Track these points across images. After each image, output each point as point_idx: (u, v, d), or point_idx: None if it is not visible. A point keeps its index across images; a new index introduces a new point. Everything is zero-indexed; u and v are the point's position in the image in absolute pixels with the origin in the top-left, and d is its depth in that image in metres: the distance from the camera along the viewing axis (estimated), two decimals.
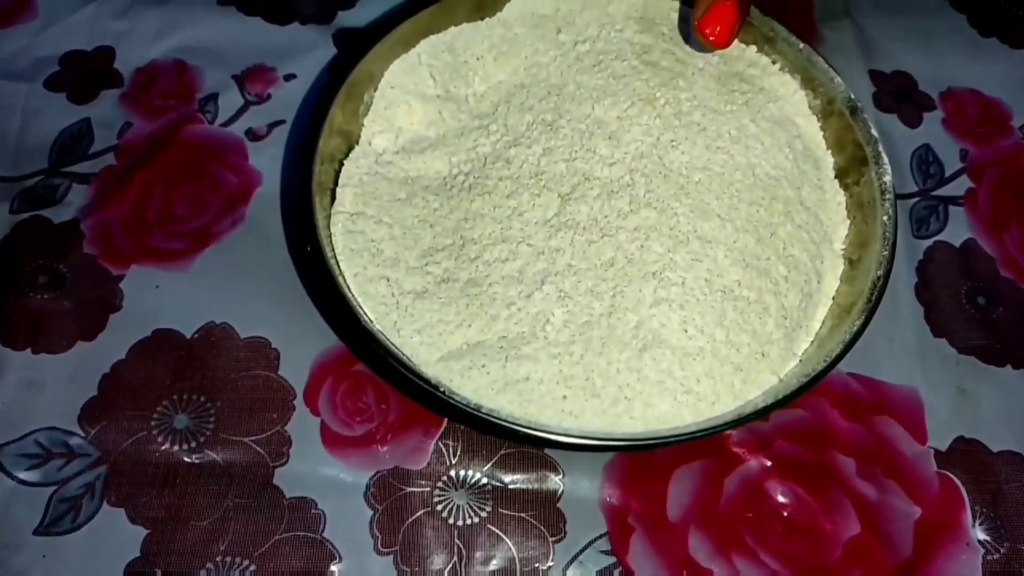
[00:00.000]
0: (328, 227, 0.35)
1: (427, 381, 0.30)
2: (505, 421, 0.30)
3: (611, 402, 0.32)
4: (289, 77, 0.46)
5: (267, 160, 0.44)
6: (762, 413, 0.32)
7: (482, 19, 0.41)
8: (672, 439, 0.31)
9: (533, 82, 0.39)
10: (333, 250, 0.34)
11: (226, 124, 0.45)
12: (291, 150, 0.43)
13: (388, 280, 0.34)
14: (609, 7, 0.41)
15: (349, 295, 0.32)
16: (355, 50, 0.37)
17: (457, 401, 0.30)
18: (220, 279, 0.40)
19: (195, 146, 0.44)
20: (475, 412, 0.30)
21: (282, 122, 0.45)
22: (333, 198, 0.36)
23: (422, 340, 0.32)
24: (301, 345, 0.39)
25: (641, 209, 0.34)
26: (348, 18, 0.49)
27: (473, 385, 0.31)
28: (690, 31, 0.37)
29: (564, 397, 0.31)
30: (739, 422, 0.31)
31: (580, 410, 0.31)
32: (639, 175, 0.35)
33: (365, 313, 0.32)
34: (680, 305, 0.33)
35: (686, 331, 0.33)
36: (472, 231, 0.35)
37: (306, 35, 0.48)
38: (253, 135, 0.45)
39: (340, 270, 0.33)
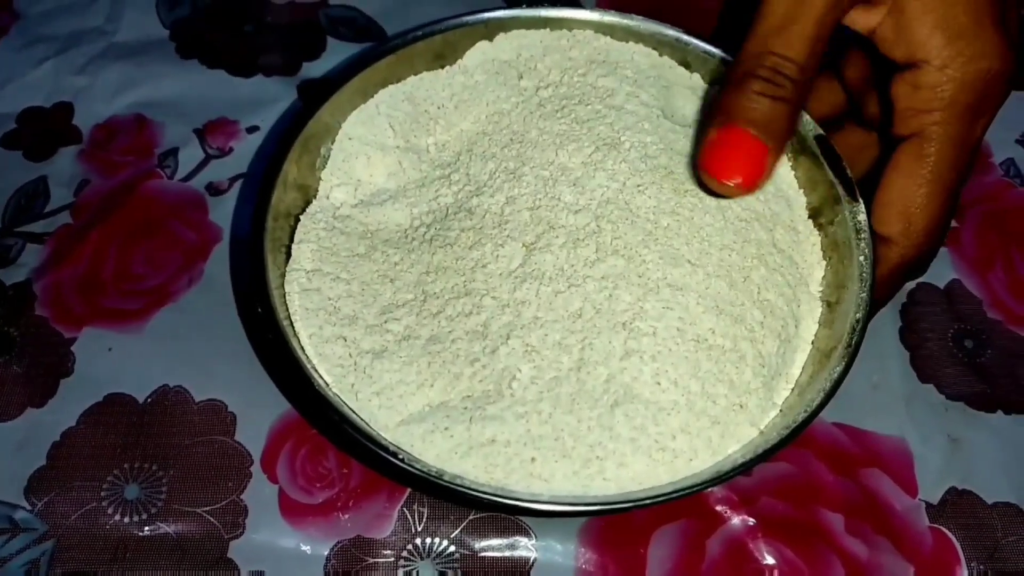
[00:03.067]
0: (283, 286, 0.33)
1: (385, 448, 0.28)
2: (470, 489, 0.28)
3: (582, 463, 0.30)
4: (252, 129, 0.45)
5: (228, 215, 0.43)
6: (742, 469, 0.30)
7: (442, 67, 0.40)
8: (648, 501, 0.29)
9: (495, 130, 0.38)
10: (287, 310, 0.32)
11: (186, 179, 0.44)
12: (245, 204, 0.42)
13: (346, 340, 0.32)
14: (571, 52, 0.40)
15: (303, 357, 0.31)
16: (312, 102, 0.36)
17: (418, 469, 0.28)
18: (175, 340, 0.39)
19: (153, 202, 0.43)
20: (437, 480, 0.28)
21: (244, 175, 0.44)
22: (288, 255, 0.34)
23: (381, 403, 0.31)
24: (259, 408, 0.37)
25: (608, 257, 0.33)
26: (313, 69, 0.48)
27: (436, 450, 0.30)
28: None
29: (533, 460, 0.30)
30: (718, 480, 0.30)
31: (550, 473, 0.29)
32: (605, 222, 0.34)
33: (320, 376, 0.31)
34: (652, 356, 0.31)
35: (659, 384, 0.31)
36: (434, 285, 0.33)
37: (270, 87, 0.47)
38: (214, 189, 0.43)
39: (295, 331, 0.32)
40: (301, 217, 0.36)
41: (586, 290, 0.32)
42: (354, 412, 0.30)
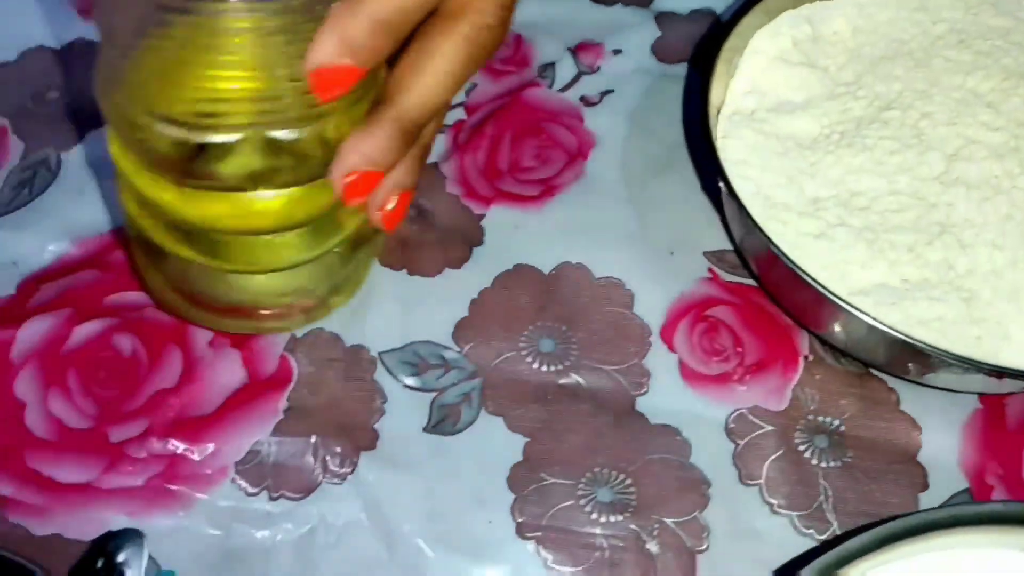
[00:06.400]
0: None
1: (857, 308, 0.32)
2: (942, 352, 0.31)
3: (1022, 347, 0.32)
4: (616, 52, 0.49)
5: (601, 124, 0.47)
6: None
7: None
8: None
9: (896, 55, 0.40)
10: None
11: (562, 90, 0.48)
12: (627, 119, 0.46)
13: (784, 223, 0.35)
14: None
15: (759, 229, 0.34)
16: (720, 26, 0.40)
17: (894, 330, 0.31)
18: (570, 225, 0.43)
19: (535, 108, 0.47)
20: (906, 339, 0.31)
21: (611, 92, 0.48)
22: None
23: (828, 276, 0.34)
24: (653, 289, 0.41)
25: None
26: (667, 3, 0.51)
27: (888, 321, 0.33)
28: None
29: (978, 337, 0.32)
30: None
31: (994, 352, 0.32)
32: None
33: (779, 249, 0.34)
34: None
35: None
36: (857, 184, 0.36)
37: (628, 16, 0.51)
38: (586, 101, 0.48)
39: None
40: (718, 117, 0.39)
41: (1013, 198, 0.35)
42: (810, 277, 0.33)
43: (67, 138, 0.44)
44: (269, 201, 0.28)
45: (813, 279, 0.32)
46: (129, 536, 0.29)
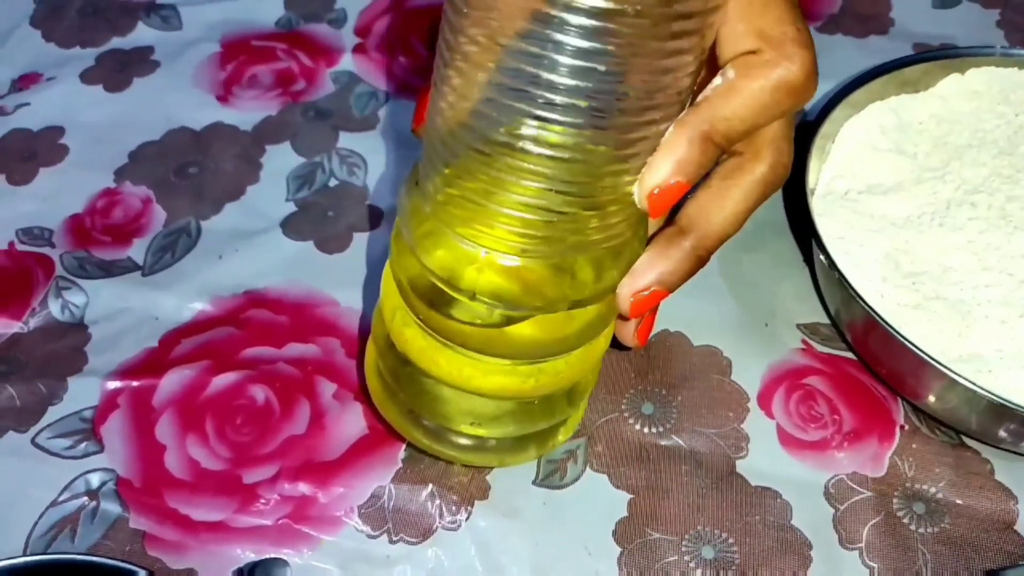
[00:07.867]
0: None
1: (954, 372, 0.33)
2: None
3: None
4: None
5: None
6: None
7: (915, 92, 0.46)
8: None
9: (981, 143, 0.43)
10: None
11: None
12: None
13: (882, 295, 0.38)
14: None
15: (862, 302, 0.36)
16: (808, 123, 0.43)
17: (991, 393, 0.33)
18: (673, 296, 0.45)
19: None
20: (1004, 403, 0.33)
21: None
22: None
23: (927, 345, 0.36)
24: (749, 358, 0.43)
25: None
26: None
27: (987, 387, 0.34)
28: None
29: None
30: None
31: None
32: None
33: (880, 317, 0.36)
34: None
35: None
36: (950, 260, 0.38)
37: None
38: None
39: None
40: (812, 197, 0.42)
41: None
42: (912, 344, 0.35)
43: (206, 208, 0.49)
44: (524, 327, 0.28)
45: (914, 345, 0.34)
46: (278, 564, 0.31)
